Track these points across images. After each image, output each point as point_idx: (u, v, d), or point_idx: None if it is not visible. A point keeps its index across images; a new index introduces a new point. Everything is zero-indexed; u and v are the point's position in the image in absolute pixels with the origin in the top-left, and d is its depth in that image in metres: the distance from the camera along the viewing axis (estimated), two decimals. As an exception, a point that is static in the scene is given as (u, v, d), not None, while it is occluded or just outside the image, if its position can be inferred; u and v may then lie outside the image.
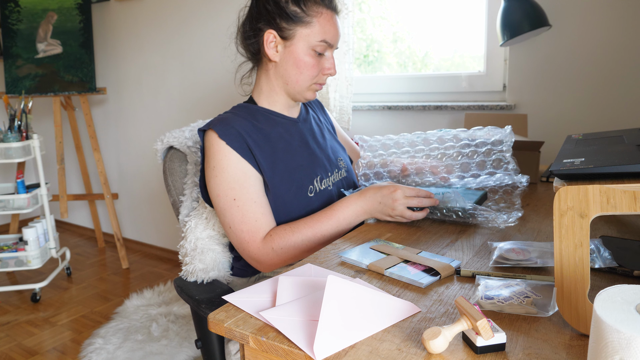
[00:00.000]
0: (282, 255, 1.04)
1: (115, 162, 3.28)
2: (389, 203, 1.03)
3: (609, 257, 0.78)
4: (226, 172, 1.06)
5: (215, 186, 1.06)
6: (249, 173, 1.07)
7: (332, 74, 1.15)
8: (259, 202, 1.07)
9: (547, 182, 1.42)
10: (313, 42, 1.09)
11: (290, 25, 1.08)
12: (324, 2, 1.10)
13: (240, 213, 1.05)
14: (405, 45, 2.24)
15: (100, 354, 1.94)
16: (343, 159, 1.27)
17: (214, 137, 1.07)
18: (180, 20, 2.72)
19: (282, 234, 1.04)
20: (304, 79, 1.12)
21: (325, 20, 1.09)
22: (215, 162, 1.07)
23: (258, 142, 1.10)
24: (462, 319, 0.58)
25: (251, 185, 1.07)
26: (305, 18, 1.08)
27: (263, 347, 0.63)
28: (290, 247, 1.03)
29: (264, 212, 1.07)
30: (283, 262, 1.05)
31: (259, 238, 1.05)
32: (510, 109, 1.84)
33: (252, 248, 1.05)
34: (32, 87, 2.82)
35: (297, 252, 1.04)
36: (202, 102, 2.73)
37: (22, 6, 2.84)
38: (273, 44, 1.11)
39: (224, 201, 1.06)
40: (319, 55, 1.11)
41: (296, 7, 1.08)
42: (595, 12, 1.64)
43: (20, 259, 2.48)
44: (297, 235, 1.03)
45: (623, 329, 0.42)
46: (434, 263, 0.82)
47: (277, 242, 1.03)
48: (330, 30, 1.10)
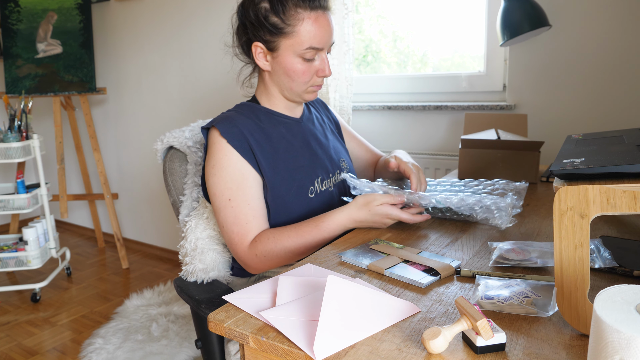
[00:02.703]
0: (265, 262, 1.04)
1: (115, 162, 3.28)
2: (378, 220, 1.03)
3: (609, 257, 0.78)
4: (225, 172, 1.06)
5: (213, 185, 1.07)
6: (247, 174, 1.07)
7: (326, 76, 1.11)
8: (253, 205, 1.06)
9: (547, 182, 1.42)
10: (299, 50, 1.06)
11: (274, 37, 1.06)
12: (305, 5, 1.04)
13: (233, 214, 1.05)
14: (404, 45, 2.24)
15: (100, 354, 1.94)
16: (345, 160, 1.27)
17: (216, 135, 1.08)
18: (180, 20, 2.72)
19: (265, 242, 1.03)
20: (297, 86, 1.11)
21: (310, 24, 1.04)
22: (215, 160, 1.07)
23: (260, 142, 1.10)
24: (462, 319, 0.58)
25: (248, 187, 1.06)
26: (286, 29, 1.04)
27: (263, 347, 0.63)
28: (273, 256, 1.04)
29: (255, 215, 1.06)
30: (267, 268, 1.06)
31: (246, 241, 1.05)
32: (510, 109, 1.84)
33: (240, 250, 1.06)
34: (32, 87, 2.82)
35: (279, 260, 1.04)
36: (202, 102, 2.73)
37: (22, 6, 2.84)
38: (262, 55, 1.10)
39: (219, 200, 1.06)
40: (309, 61, 1.08)
41: (276, 17, 1.04)
42: (595, 12, 1.64)
43: (20, 259, 2.48)
44: (278, 246, 1.03)
45: (623, 329, 0.42)
46: (434, 263, 0.82)
47: (259, 249, 1.04)
48: (317, 34, 1.05)
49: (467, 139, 1.44)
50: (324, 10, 1.07)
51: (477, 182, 1.22)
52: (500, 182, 1.18)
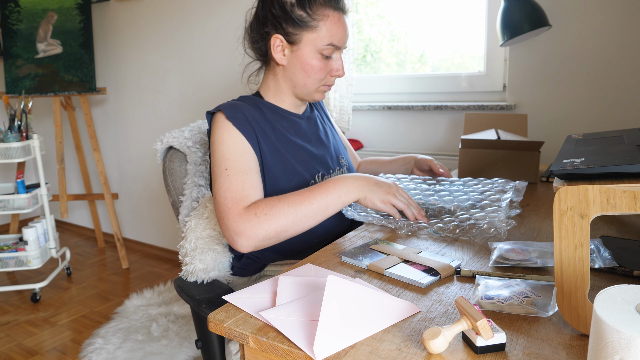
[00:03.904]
0: (265, 222, 0.94)
1: (115, 162, 3.28)
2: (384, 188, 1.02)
3: (609, 257, 0.78)
4: (224, 145, 1.04)
5: (213, 160, 1.05)
6: (247, 149, 1.05)
7: (340, 76, 1.14)
8: (251, 176, 1.02)
9: (547, 182, 1.42)
10: (320, 45, 1.08)
11: (297, 30, 1.08)
12: (330, 4, 1.08)
13: (229, 181, 1.00)
14: (402, 45, 2.24)
15: (100, 354, 1.94)
16: (345, 158, 1.28)
17: (221, 118, 1.07)
18: (180, 20, 2.72)
19: (268, 201, 0.98)
20: (311, 82, 1.12)
21: (332, 22, 1.08)
22: (215, 137, 1.06)
23: (264, 130, 1.10)
24: (462, 319, 0.58)
25: (247, 160, 1.03)
26: (311, 22, 1.07)
27: (263, 347, 0.63)
28: (274, 213, 0.95)
29: (253, 185, 1.01)
30: (264, 232, 0.95)
31: (241, 206, 0.97)
32: (510, 109, 1.84)
33: (232, 215, 0.96)
34: (32, 87, 2.82)
35: (281, 221, 0.95)
36: (202, 102, 2.73)
37: (22, 6, 2.84)
38: (280, 48, 1.11)
39: (216, 172, 1.02)
40: (326, 58, 1.11)
41: (302, 11, 1.07)
42: (595, 12, 1.64)
43: (20, 259, 2.48)
44: (283, 202, 0.96)
45: (623, 329, 0.42)
46: (434, 263, 0.82)
47: (261, 208, 0.96)
48: (338, 32, 1.09)
49: (467, 139, 1.44)
50: (344, 13, 1.13)
51: (477, 181, 1.22)
52: (499, 182, 1.18)
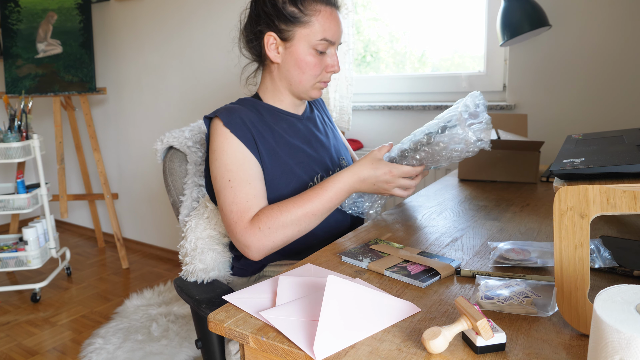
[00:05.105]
0: (270, 235, 0.98)
1: (115, 162, 3.28)
2: (382, 186, 1.03)
3: (609, 257, 0.78)
4: (225, 155, 1.05)
5: (214, 169, 1.06)
6: (248, 158, 1.06)
7: (335, 71, 1.14)
8: (254, 185, 1.04)
9: (547, 182, 1.42)
10: (313, 41, 1.09)
11: (289, 27, 1.08)
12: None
13: (233, 193, 1.03)
14: (401, 46, 2.24)
15: (100, 354, 1.94)
16: (345, 158, 1.28)
17: (219, 124, 1.08)
18: (180, 20, 2.72)
19: (269, 213, 1.00)
20: (307, 79, 1.12)
21: (325, 17, 1.08)
22: (216, 145, 1.07)
23: (262, 133, 1.10)
24: (462, 319, 0.58)
25: (248, 169, 1.05)
26: (303, 18, 1.07)
27: (263, 347, 0.63)
28: (278, 226, 0.98)
29: (256, 194, 1.04)
30: (271, 244, 0.99)
31: (246, 219, 1.00)
32: (510, 109, 1.84)
33: (239, 229, 1.00)
34: (32, 87, 2.82)
35: (285, 231, 0.99)
36: (202, 102, 2.73)
37: (22, 6, 2.84)
38: (274, 46, 1.11)
39: (219, 183, 1.05)
40: (320, 54, 1.11)
41: (294, 7, 1.07)
42: (595, 12, 1.64)
43: (20, 259, 2.48)
44: (284, 214, 0.99)
45: (623, 329, 0.42)
46: (434, 263, 0.82)
47: (263, 222, 0.98)
48: (331, 27, 1.09)
49: (467, 139, 1.44)
50: (337, 8, 1.12)
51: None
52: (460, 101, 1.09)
